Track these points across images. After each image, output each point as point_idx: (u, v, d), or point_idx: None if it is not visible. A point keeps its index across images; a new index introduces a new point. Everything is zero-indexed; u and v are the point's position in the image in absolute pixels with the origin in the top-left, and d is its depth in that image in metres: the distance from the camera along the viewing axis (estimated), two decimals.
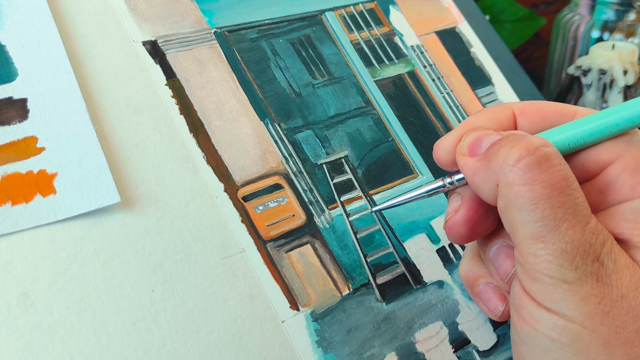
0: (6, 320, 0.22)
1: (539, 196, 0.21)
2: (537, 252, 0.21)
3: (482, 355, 0.29)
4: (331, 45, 0.35)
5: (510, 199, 0.22)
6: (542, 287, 0.22)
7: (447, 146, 0.26)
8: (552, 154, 0.22)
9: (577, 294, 0.21)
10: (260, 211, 0.28)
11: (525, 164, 0.22)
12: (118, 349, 0.23)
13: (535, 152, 0.22)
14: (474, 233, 0.26)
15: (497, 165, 0.22)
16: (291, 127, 0.31)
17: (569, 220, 0.21)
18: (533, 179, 0.21)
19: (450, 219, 0.26)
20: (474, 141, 0.25)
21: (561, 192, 0.21)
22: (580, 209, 0.22)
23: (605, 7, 0.52)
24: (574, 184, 0.22)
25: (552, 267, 0.21)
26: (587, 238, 0.21)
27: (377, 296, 0.28)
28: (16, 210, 0.23)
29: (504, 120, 0.26)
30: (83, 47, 0.28)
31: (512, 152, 0.22)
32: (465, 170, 0.24)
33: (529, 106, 0.26)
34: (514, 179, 0.22)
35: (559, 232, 0.21)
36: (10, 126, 0.25)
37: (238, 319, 0.25)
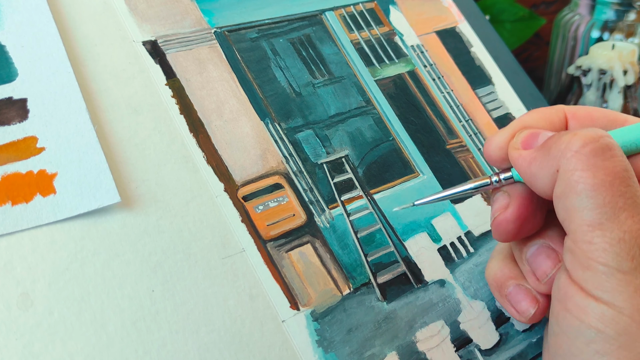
0: (6, 320, 0.22)
1: (601, 183, 0.21)
2: (594, 239, 0.21)
3: (485, 354, 0.29)
4: (331, 45, 0.35)
5: (571, 184, 0.22)
6: (594, 276, 0.21)
7: (499, 142, 0.26)
8: (614, 144, 0.22)
9: (631, 285, 0.21)
10: (261, 211, 0.28)
11: (589, 150, 0.22)
12: (118, 349, 0.23)
13: (599, 140, 0.22)
14: (521, 231, 0.26)
15: (558, 152, 0.23)
16: (291, 127, 0.31)
17: (629, 210, 0.21)
18: (596, 165, 0.22)
19: (499, 216, 0.26)
20: (528, 136, 0.25)
21: (622, 181, 0.22)
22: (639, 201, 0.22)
23: (605, 7, 0.52)
24: (634, 176, 0.22)
25: (608, 255, 0.21)
26: None
27: (378, 295, 0.28)
28: (16, 210, 0.23)
29: (555, 120, 0.26)
30: (83, 47, 0.28)
31: (575, 139, 0.22)
32: (520, 162, 0.25)
33: (579, 110, 0.27)
34: (577, 164, 0.22)
35: (618, 220, 0.21)
36: (10, 126, 0.25)
37: (238, 319, 0.25)
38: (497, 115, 0.38)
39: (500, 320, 0.30)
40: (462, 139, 0.36)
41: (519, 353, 0.30)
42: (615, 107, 0.49)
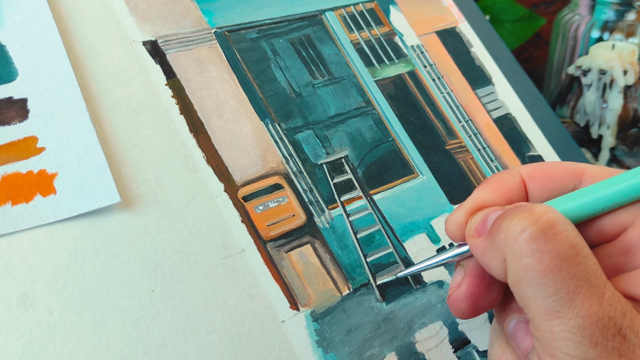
0: (6, 320, 0.22)
1: (548, 268, 0.20)
2: (554, 328, 0.20)
3: (482, 355, 0.29)
4: (331, 45, 0.35)
5: (519, 274, 0.21)
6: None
7: (456, 222, 0.25)
8: (556, 220, 0.21)
9: None
10: (260, 211, 0.28)
11: (529, 234, 0.21)
12: (118, 349, 0.23)
13: (537, 221, 0.21)
14: (477, 308, 0.25)
15: (501, 240, 0.22)
16: (291, 127, 0.31)
17: (583, 292, 0.20)
18: (539, 250, 0.20)
19: (452, 294, 0.25)
20: (480, 221, 0.24)
21: (571, 261, 0.20)
22: (594, 279, 0.21)
23: (605, 7, 0.52)
24: (584, 250, 0.21)
25: (570, 344, 0.20)
26: (606, 310, 0.20)
27: (377, 296, 0.28)
28: (16, 210, 0.23)
29: (513, 188, 0.25)
30: (83, 47, 0.28)
31: (513, 224, 0.21)
32: (475, 252, 0.24)
33: (536, 170, 0.26)
34: (520, 252, 0.21)
35: (574, 306, 0.20)
36: (11, 126, 0.25)
37: (238, 319, 0.25)
38: (497, 115, 0.38)
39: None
40: (461, 139, 0.36)
41: None
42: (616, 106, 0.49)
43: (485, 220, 0.24)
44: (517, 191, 0.25)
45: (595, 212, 0.23)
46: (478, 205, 0.25)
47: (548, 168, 0.26)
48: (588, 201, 0.23)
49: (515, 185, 0.25)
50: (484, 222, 0.24)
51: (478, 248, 0.23)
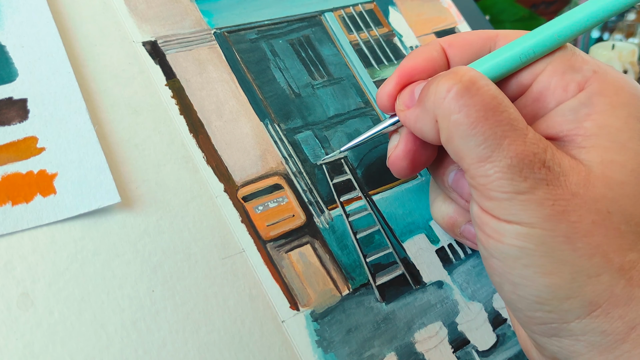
0: (6, 320, 0.22)
1: (476, 119, 0.22)
2: (487, 172, 0.22)
3: (482, 355, 0.29)
4: (330, 46, 0.35)
5: (450, 130, 0.23)
6: (499, 204, 0.22)
7: (385, 93, 0.28)
8: (477, 77, 0.23)
9: (532, 202, 0.22)
10: (260, 211, 0.28)
11: (455, 92, 0.23)
12: (118, 349, 0.23)
13: (461, 80, 0.23)
14: (415, 165, 0.28)
15: (430, 104, 0.24)
16: (291, 128, 0.31)
17: (509, 136, 0.22)
18: (466, 104, 0.23)
19: (392, 154, 0.28)
20: (408, 95, 0.27)
21: (495, 110, 0.22)
22: (516, 123, 0.23)
23: None
24: (504, 100, 0.23)
25: (504, 182, 0.22)
26: (530, 148, 0.22)
27: (377, 296, 0.28)
28: (16, 210, 0.23)
29: (435, 56, 0.28)
30: (83, 47, 0.28)
31: (440, 86, 0.23)
32: (407, 123, 0.26)
33: (454, 38, 0.28)
34: (449, 109, 0.23)
35: (502, 149, 0.22)
36: (11, 126, 0.25)
37: (238, 319, 0.25)
38: None
39: (497, 321, 0.30)
40: None
41: (515, 354, 0.30)
42: None
43: (412, 93, 0.26)
44: (438, 59, 0.28)
45: (509, 69, 0.26)
46: (404, 74, 0.27)
47: (465, 36, 0.28)
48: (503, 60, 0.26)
49: (437, 53, 0.28)
50: (411, 95, 0.26)
51: (409, 118, 0.26)
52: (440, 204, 0.29)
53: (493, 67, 0.26)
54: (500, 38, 0.27)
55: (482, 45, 0.28)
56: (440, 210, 0.29)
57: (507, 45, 0.26)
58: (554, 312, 0.23)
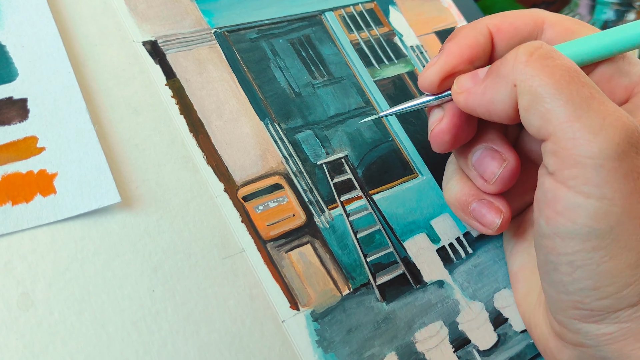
0: (6, 320, 0.22)
1: (562, 80, 0.22)
2: (576, 133, 0.21)
3: (483, 354, 0.29)
4: (331, 46, 0.35)
5: (535, 91, 0.22)
6: (582, 172, 0.21)
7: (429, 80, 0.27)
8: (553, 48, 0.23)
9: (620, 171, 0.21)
10: (260, 211, 0.28)
11: (537, 56, 0.22)
12: (118, 349, 0.23)
13: (542, 47, 0.23)
14: (457, 139, 0.27)
15: (509, 69, 0.23)
16: (291, 127, 0.31)
17: (596, 97, 0.21)
18: (550, 66, 0.22)
19: (435, 127, 0.27)
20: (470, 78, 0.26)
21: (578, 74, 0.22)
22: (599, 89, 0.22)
23: (605, 7, 0.52)
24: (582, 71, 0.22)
25: (594, 145, 0.21)
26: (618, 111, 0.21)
27: (377, 296, 0.28)
28: (16, 210, 0.23)
29: (481, 41, 0.27)
30: (83, 47, 0.28)
31: (521, 52, 0.23)
32: (472, 98, 0.25)
33: (502, 22, 0.27)
34: (533, 72, 0.22)
35: (592, 109, 0.21)
36: (11, 126, 0.25)
37: (238, 319, 0.25)
38: None
39: (498, 321, 0.30)
40: None
41: (517, 354, 0.30)
42: None
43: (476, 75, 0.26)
44: (484, 44, 0.27)
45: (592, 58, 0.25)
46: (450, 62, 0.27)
47: (512, 20, 0.27)
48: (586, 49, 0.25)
49: (483, 38, 0.27)
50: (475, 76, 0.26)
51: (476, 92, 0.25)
52: (455, 183, 0.29)
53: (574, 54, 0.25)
54: (548, 25, 0.27)
55: (530, 32, 0.27)
56: (454, 189, 0.29)
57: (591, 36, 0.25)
58: (608, 299, 0.22)
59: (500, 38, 0.27)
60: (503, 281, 0.31)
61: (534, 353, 0.30)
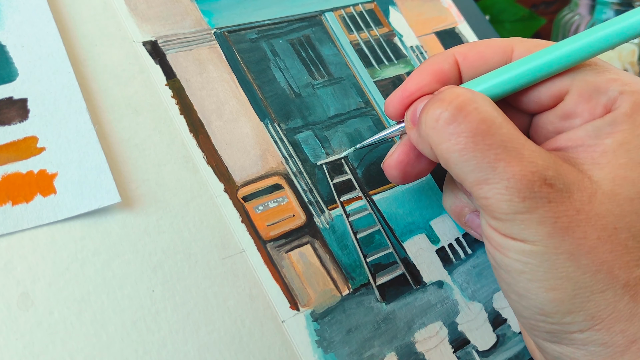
0: (6, 320, 0.22)
1: (465, 147, 0.22)
2: (486, 194, 0.22)
3: (482, 355, 0.29)
4: (331, 46, 0.35)
5: (444, 157, 0.23)
6: (502, 223, 0.23)
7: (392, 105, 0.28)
8: (465, 101, 0.23)
9: (532, 221, 0.22)
10: (260, 211, 0.28)
11: (442, 122, 0.23)
12: (118, 349, 0.23)
13: (448, 108, 0.23)
14: (406, 175, 0.28)
15: (424, 131, 0.24)
16: (291, 128, 0.31)
17: (503, 158, 0.22)
18: (454, 132, 0.23)
19: (385, 160, 0.28)
20: (412, 115, 0.27)
21: (484, 135, 0.22)
22: (510, 144, 0.22)
23: (605, 7, 0.52)
24: (495, 122, 0.23)
25: (503, 205, 0.22)
26: (527, 168, 0.22)
27: (377, 296, 0.28)
28: (16, 210, 0.23)
29: (446, 70, 0.27)
30: (83, 47, 0.28)
31: (429, 115, 0.24)
32: (412, 141, 0.26)
33: (469, 51, 0.28)
34: (439, 138, 0.23)
35: (497, 172, 0.22)
36: (11, 126, 0.25)
37: (238, 319, 0.25)
38: None
39: (497, 321, 0.30)
40: None
41: (515, 354, 0.30)
42: None
43: (415, 112, 0.26)
44: (449, 73, 0.27)
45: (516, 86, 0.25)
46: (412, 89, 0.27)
47: (481, 49, 0.28)
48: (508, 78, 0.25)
49: (448, 67, 0.27)
50: (414, 114, 0.26)
51: (413, 138, 0.26)
52: (450, 193, 0.29)
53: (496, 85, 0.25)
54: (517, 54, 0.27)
55: (498, 61, 0.27)
56: (450, 199, 0.29)
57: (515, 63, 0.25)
58: (557, 324, 0.23)
59: (467, 66, 0.27)
60: None
61: None
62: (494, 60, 0.27)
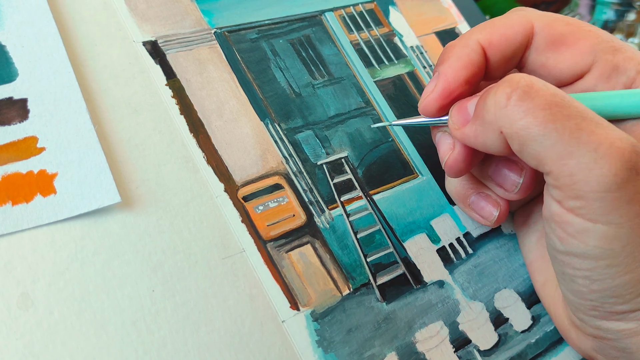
0: (6, 320, 0.22)
1: (544, 119, 0.21)
2: (572, 170, 0.21)
3: (483, 354, 0.29)
4: (331, 46, 0.35)
5: (522, 136, 0.22)
6: (586, 204, 0.21)
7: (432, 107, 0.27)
8: (532, 81, 0.22)
9: (623, 200, 0.21)
10: (261, 211, 0.28)
11: (516, 97, 0.22)
12: (118, 349, 0.23)
13: (517, 87, 0.22)
14: (472, 164, 0.27)
15: (492, 116, 0.23)
16: (291, 127, 0.31)
17: (584, 127, 0.21)
18: (529, 107, 0.22)
19: (450, 157, 0.27)
20: (460, 115, 0.26)
21: (560, 106, 0.21)
22: (587, 114, 0.22)
23: (605, 7, 0.52)
24: (566, 96, 0.22)
25: (592, 180, 0.21)
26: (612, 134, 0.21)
27: (378, 296, 0.28)
28: (16, 210, 0.23)
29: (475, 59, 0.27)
30: (83, 47, 0.28)
31: (498, 96, 0.23)
32: (468, 140, 0.25)
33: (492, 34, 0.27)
34: (514, 117, 0.22)
35: (582, 142, 0.21)
36: (11, 126, 0.25)
37: (238, 319, 0.25)
38: None
39: (499, 320, 0.30)
40: None
41: (517, 353, 0.30)
42: None
43: (464, 110, 0.25)
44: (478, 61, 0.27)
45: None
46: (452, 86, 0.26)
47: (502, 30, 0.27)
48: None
49: (477, 57, 0.27)
50: (463, 111, 0.25)
51: (469, 134, 0.25)
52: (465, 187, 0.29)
53: None
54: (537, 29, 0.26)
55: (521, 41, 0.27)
56: (453, 182, 0.29)
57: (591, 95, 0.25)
58: (626, 304, 0.23)
59: (493, 52, 0.27)
60: (503, 281, 0.31)
61: (535, 353, 0.30)
62: (517, 39, 0.27)
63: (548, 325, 0.31)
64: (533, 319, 0.31)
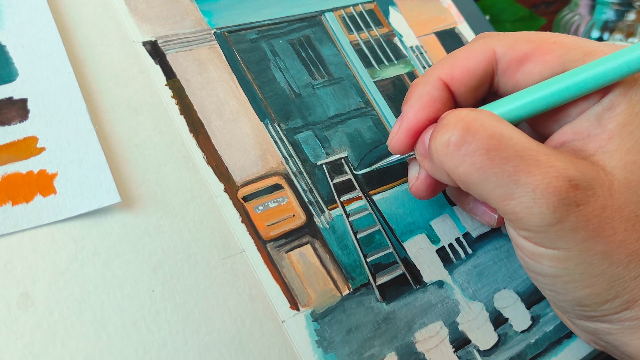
0: (6, 320, 0.22)
1: (482, 165, 0.22)
2: (514, 210, 0.22)
3: (483, 354, 0.29)
4: (331, 46, 0.35)
5: (463, 180, 0.23)
6: (534, 235, 0.23)
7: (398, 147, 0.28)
8: (469, 121, 0.23)
9: (566, 229, 0.22)
10: (260, 211, 0.28)
11: (452, 147, 0.23)
12: (118, 349, 0.23)
13: (454, 131, 0.23)
14: (435, 191, 0.28)
15: (437, 160, 0.24)
16: (291, 128, 0.31)
17: (522, 169, 0.22)
18: (467, 154, 0.22)
19: (414, 185, 0.28)
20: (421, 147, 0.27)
21: (497, 149, 0.22)
22: (525, 153, 0.22)
23: (605, 7, 0.52)
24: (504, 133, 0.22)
25: (533, 218, 0.22)
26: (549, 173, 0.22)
27: (377, 296, 0.28)
28: (16, 210, 0.23)
29: (437, 96, 0.27)
30: (83, 47, 0.28)
31: (437, 143, 0.23)
32: (430, 172, 0.26)
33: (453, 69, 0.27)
34: (453, 164, 0.23)
35: (520, 185, 0.22)
36: (11, 126, 0.25)
37: (238, 319, 0.25)
38: None
39: (498, 321, 0.30)
40: None
41: (517, 354, 0.30)
42: None
43: (424, 143, 0.26)
44: (441, 97, 0.27)
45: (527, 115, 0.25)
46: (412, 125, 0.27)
47: (463, 63, 0.27)
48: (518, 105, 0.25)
49: (439, 92, 0.27)
50: (424, 145, 0.26)
51: (428, 169, 0.26)
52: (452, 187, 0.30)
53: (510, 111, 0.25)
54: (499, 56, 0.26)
55: (485, 70, 0.27)
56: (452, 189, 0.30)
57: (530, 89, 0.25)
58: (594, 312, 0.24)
59: (457, 86, 0.27)
60: (503, 281, 0.31)
61: (534, 353, 0.30)
62: (479, 70, 0.27)
63: (548, 326, 0.31)
64: (533, 319, 0.31)
